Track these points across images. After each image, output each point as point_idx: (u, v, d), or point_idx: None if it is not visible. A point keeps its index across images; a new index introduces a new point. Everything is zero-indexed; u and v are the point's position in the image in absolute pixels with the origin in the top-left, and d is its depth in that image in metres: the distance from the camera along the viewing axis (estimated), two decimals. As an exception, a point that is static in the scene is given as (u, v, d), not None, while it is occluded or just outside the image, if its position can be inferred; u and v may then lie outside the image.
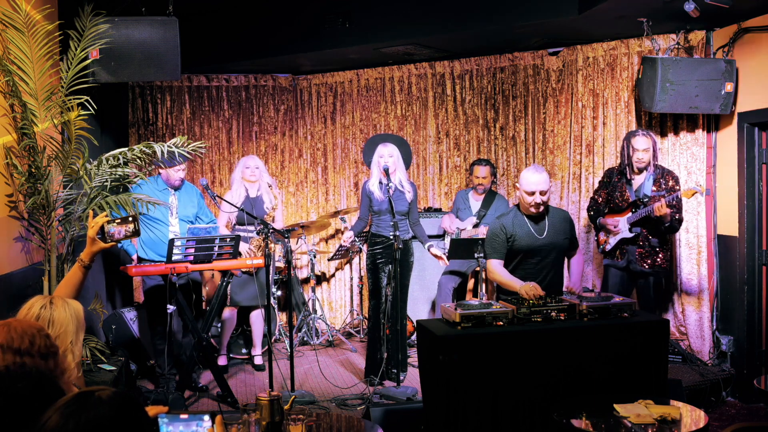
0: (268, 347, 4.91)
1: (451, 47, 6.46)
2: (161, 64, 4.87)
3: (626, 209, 5.30)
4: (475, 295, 6.12)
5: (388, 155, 5.20)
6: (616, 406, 3.26)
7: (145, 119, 6.95)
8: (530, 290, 3.97)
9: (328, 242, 7.39)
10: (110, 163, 4.58)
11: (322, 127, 7.34)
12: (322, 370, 5.63)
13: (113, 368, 4.72)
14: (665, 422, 3.14)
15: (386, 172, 5.12)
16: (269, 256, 4.70)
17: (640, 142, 5.30)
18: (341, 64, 6.97)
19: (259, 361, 5.87)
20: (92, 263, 2.93)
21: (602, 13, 5.13)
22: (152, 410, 2.02)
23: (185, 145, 4.72)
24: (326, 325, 6.73)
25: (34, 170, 4.27)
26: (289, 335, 5.33)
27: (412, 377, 5.29)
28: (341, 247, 6.69)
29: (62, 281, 2.94)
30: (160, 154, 4.62)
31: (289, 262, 5.17)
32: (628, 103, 6.00)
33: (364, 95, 7.20)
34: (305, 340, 6.53)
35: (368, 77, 7.15)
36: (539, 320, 3.84)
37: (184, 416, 2.02)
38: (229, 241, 4.77)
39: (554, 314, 3.86)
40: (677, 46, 5.63)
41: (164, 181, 5.17)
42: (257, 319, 5.82)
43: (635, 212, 5.21)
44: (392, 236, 4.95)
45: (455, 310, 3.76)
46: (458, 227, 6.14)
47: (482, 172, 6.14)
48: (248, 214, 5.08)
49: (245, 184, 5.66)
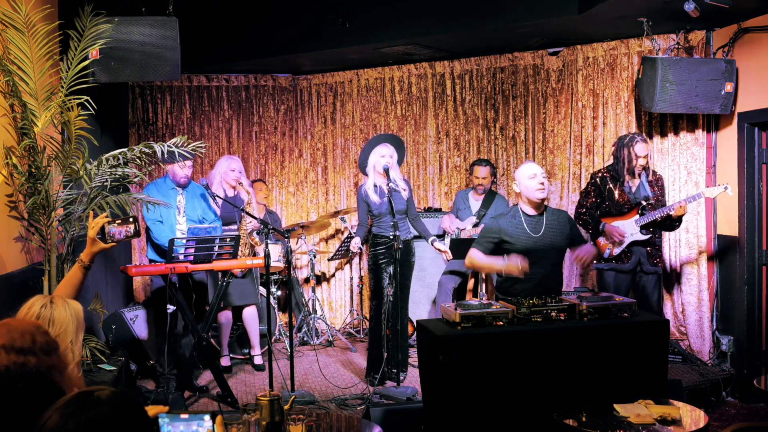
0: (268, 347, 4.91)
1: (451, 47, 6.46)
2: (161, 64, 4.87)
3: (629, 212, 5.26)
4: (475, 295, 6.13)
5: (389, 155, 5.21)
6: (616, 406, 3.26)
7: (145, 119, 6.95)
8: (514, 268, 3.98)
9: (328, 242, 7.39)
10: (110, 163, 4.58)
11: (322, 127, 7.34)
12: (322, 370, 5.63)
13: (113, 368, 4.72)
14: (665, 422, 3.14)
15: (386, 172, 5.12)
16: (268, 255, 4.70)
17: (641, 148, 5.25)
18: (341, 64, 6.97)
19: (258, 360, 5.87)
20: (92, 263, 2.93)
21: (602, 13, 5.13)
22: (152, 410, 2.01)
23: (185, 145, 4.72)
24: (326, 325, 6.73)
25: (34, 170, 4.27)
26: (289, 335, 5.33)
27: (412, 377, 5.29)
28: (341, 247, 6.69)
29: (62, 281, 2.94)
30: (160, 154, 4.62)
31: (289, 262, 5.17)
32: (628, 103, 6.00)
33: (364, 95, 7.20)
34: (305, 340, 6.53)
35: (368, 77, 7.15)
36: (539, 320, 3.84)
37: (184, 416, 2.02)
38: (229, 241, 4.77)
39: (554, 314, 3.86)
40: (677, 46, 5.63)
41: (170, 178, 5.19)
42: (251, 319, 5.81)
43: (644, 214, 5.18)
44: (392, 236, 4.95)
45: (455, 310, 3.76)
46: (458, 227, 6.14)
47: (482, 172, 6.14)
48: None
49: (224, 185, 5.52)
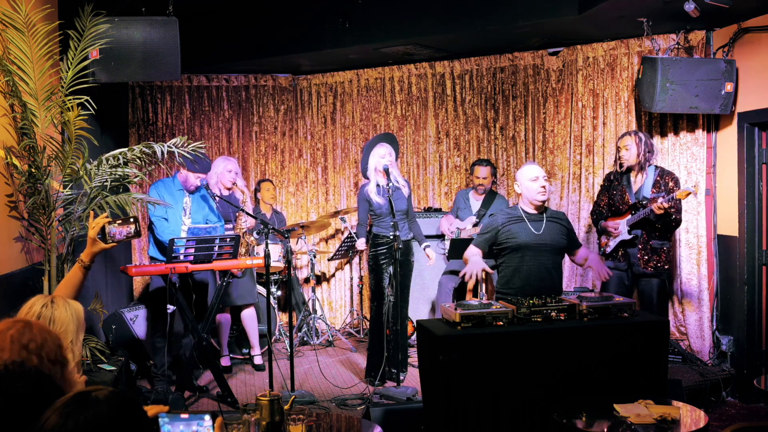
0: (268, 347, 4.91)
1: (451, 47, 6.46)
2: (161, 64, 4.87)
3: (626, 212, 5.28)
4: (475, 295, 6.13)
5: (388, 154, 5.22)
6: (616, 406, 3.26)
7: (145, 119, 6.95)
8: (475, 267, 4.20)
9: (328, 242, 7.39)
10: (110, 163, 4.58)
11: (322, 127, 7.34)
12: (322, 370, 5.63)
13: (113, 368, 4.72)
14: (665, 422, 3.14)
15: (386, 172, 5.13)
16: (269, 255, 4.69)
17: (623, 140, 5.35)
18: (341, 64, 6.97)
19: (258, 360, 5.87)
20: (92, 264, 2.93)
21: (602, 13, 5.13)
22: (152, 410, 2.01)
23: (185, 145, 4.72)
24: (326, 325, 6.73)
25: (34, 170, 4.27)
26: (289, 335, 5.33)
27: (412, 377, 5.29)
28: (341, 247, 6.69)
29: (62, 281, 2.94)
30: (160, 154, 4.61)
31: (289, 262, 5.17)
32: (628, 103, 6.00)
33: (364, 95, 7.20)
34: (305, 340, 6.53)
35: (368, 77, 7.15)
36: (539, 320, 3.84)
37: (184, 416, 2.02)
38: (229, 241, 4.77)
39: (554, 314, 3.86)
40: (677, 46, 5.63)
41: (180, 182, 5.17)
42: (249, 319, 5.82)
43: (634, 214, 5.20)
44: (392, 236, 4.95)
45: (455, 310, 3.76)
46: (458, 227, 6.14)
47: (483, 172, 6.14)
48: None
49: (220, 185, 5.53)
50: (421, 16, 5.87)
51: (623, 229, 5.26)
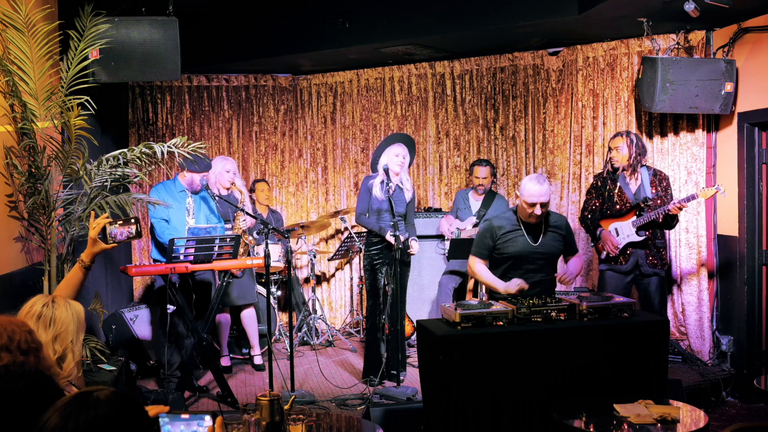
0: (268, 347, 4.91)
1: (451, 47, 6.46)
2: (161, 64, 4.87)
3: (628, 213, 5.25)
4: (475, 295, 6.12)
5: (402, 156, 5.23)
6: (616, 406, 3.27)
7: (145, 119, 6.96)
8: (513, 288, 3.99)
9: (328, 242, 7.39)
10: (110, 163, 4.58)
11: (322, 127, 7.34)
12: (322, 370, 5.63)
13: (113, 368, 4.71)
14: (665, 422, 3.14)
15: (386, 172, 5.12)
16: (269, 255, 4.70)
17: (614, 141, 5.36)
18: (341, 64, 6.98)
19: (258, 360, 5.87)
20: (93, 264, 2.93)
21: (602, 13, 5.14)
22: (153, 410, 2.01)
23: (185, 145, 4.72)
24: (326, 325, 6.73)
25: (34, 170, 4.27)
26: (289, 335, 5.33)
27: (412, 377, 5.29)
28: (341, 247, 6.69)
29: (63, 281, 2.95)
30: (160, 154, 4.61)
31: (289, 262, 5.16)
32: (628, 103, 6.01)
33: (364, 95, 7.20)
34: (305, 340, 6.54)
35: (368, 77, 7.15)
36: (539, 320, 3.84)
37: (185, 416, 2.02)
38: (229, 241, 4.77)
39: (554, 314, 3.86)
40: (677, 46, 5.63)
41: (183, 183, 5.16)
42: (249, 320, 5.82)
43: (641, 215, 5.16)
44: (392, 236, 4.94)
45: (455, 310, 3.76)
46: (458, 227, 6.14)
47: (482, 172, 6.14)
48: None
49: (218, 185, 5.53)
50: (421, 16, 5.87)
51: (629, 231, 5.21)
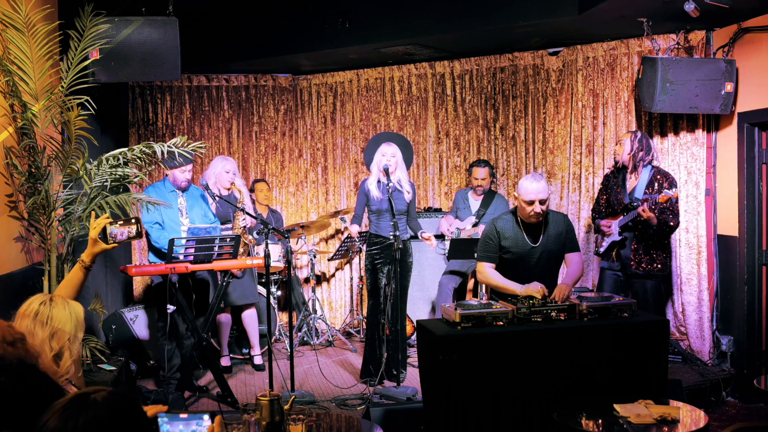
0: (268, 347, 4.91)
1: (451, 47, 6.46)
2: (161, 64, 4.87)
3: (620, 213, 5.29)
4: (475, 295, 6.12)
5: (390, 155, 5.19)
6: (616, 406, 3.26)
7: (145, 119, 6.96)
8: (534, 292, 3.94)
9: (328, 242, 7.39)
10: (110, 163, 4.58)
11: (322, 127, 7.34)
12: (322, 370, 5.63)
13: (113, 368, 4.72)
14: (665, 422, 3.14)
15: (386, 171, 5.12)
16: (269, 255, 4.70)
17: (621, 137, 5.41)
18: (341, 64, 6.97)
19: (258, 360, 5.87)
20: (93, 264, 2.93)
21: (602, 13, 5.13)
22: (152, 410, 2.02)
23: (185, 145, 4.72)
24: (326, 325, 6.73)
25: (34, 170, 4.27)
26: (289, 335, 5.33)
27: (412, 377, 5.29)
28: (341, 247, 6.69)
29: (63, 281, 2.95)
30: (160, 154, 4.62)
31: (289, 262, 5.16)
32: (628, 103, 6.00)
33: (364, 95, 7.20)
34: (305, 340, 6.53)
35: (368, 77, 7.15)
36: (539, 320, 3.84)
37: (183, 416, 2.02)
38: (228, 241, 4.77)
39: (554, 314, 3.86)
40: (677, 46, 5.63)
41: (171, 183, 5.16)
42: (250, 320, 5.82)
43: (626, 216, 5.19)
44: (392, 236, 4.94)
45: (455, 310, 3.76)
46: (458, 227, 6.14)
47: (481, 173, 6.13)
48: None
49: (218, 186, 5.53)
50: (421, 16, 5.87)
51: (614, 229, 5.26)
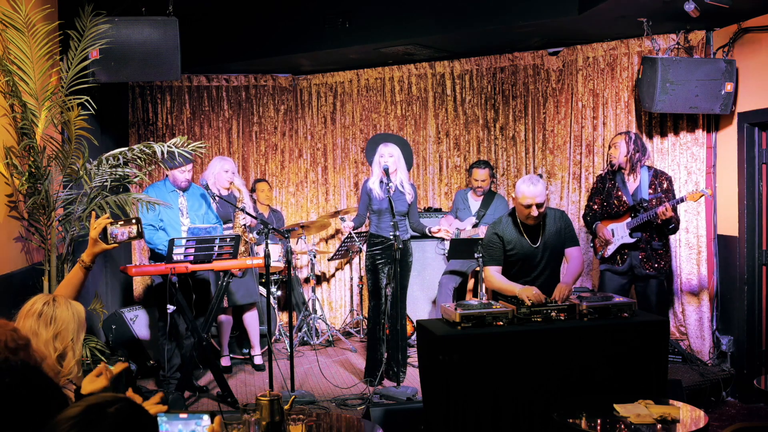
0: (268, 347, 4.91)
1: (451, 47, 6.46)
2: (161, 64, 4.87)
3: (624, 214, 5.26)
4: (475, 295, 6.12)
5: (388, 155, 5.19)
6: (616, 406, 3.27)
7: (145, 119, 6.96)
8: (531, 295, 3.95)
9: (328, 242, 7.39)
10: (110, 163, 4.58)
11: (322, 127, 7.34)
12: (322, 370, 5.63)
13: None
14: (665, 422, 3.14)
15: (386, 171, 5.12)
16: (268, 255, 4.70)
17: (614, 139, 5.42)
18: (341, 64, 6.97)
19: (258, 360, 5.87)
20: (93, 264, 2.93)
21: (602, 13, 5.13)
22: (152, 410, 2.02)
23: (185, 145, 4.71)
24: (326, 325, 6.73)
25: (34, 170, 4.27)
26: (289, 335, 5.33)
27: (412, 377, 5.28)
28: (341, 247, 6.69)
29: (63, 281, 2.95)
30: (160, 154, 4.62)
31: (289, 262, 5.16)
32: (628, 103, 6.00)
33: (364, 95, 7.20)
34: (305, 340, 6.53)
35: (368, 77, 7.15)
36: (539, 320, 3.84)
37: (183, 416, 2.02)
38: (229, 241, 4.77)
39: (554, 314, 3.86)
40: (677, 46, 5.63)
41: (172, 183, 5.16)
42: (252, 320, 5.82)
43: (635, 217, 5.18)
44: (392, 236, 4.94)
45: (455, 310, 3.76)
46: (458, 227, 6.14)
47: (481, 174, 6.12)
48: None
49: (218, 186, 5.53)
50: (421, 16, 5.87)
51: (623, 232, 5.23)
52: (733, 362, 5.53)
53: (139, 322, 5.78)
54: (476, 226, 6.04)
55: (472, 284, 6.17)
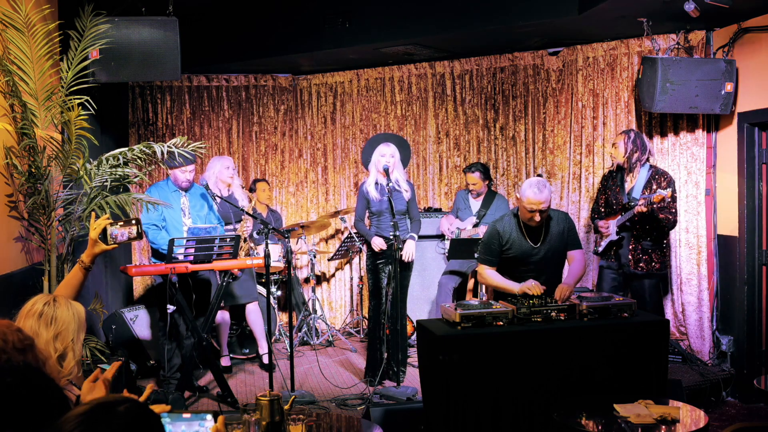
0: (268, 347, 4.90)
1: (451, 47, 6.46)
2: (161, 64, 4.87)
3: (617, 212, 5.31)
4: (475, 295, 6.12)
5: (389, 155, 5.20)
6: (616, 406, 3.27)
7: (145, 119, 6.95)
8: (531, 287, 3.95)
9: (328, 242, 7.39)
10: (110, 163, 4.58)
11: (322, 127, 7.34)
12: (322, 370, 5.63)
13: (113, 368, 4.70)
14: (665, 422, 3.14)
15: (386, 171, 5.12)
16: (269, 255, 4.70)
17: (615, 138, 5.46)
18: (341, 64, 6.97)
19: (267, 360, 5.83)
20: (93, 264, 2.93)
21: (602, 13, 5.13)
22: (155, 410, 2.02)
23: (185, 145, 4.71)
24: (326, 325, 6.73)
25: (34, 170, 4.27)
26: (289, 335, 5.33)
27: (412, 377, 5.29)
28: (341, 247, 6.69)
29: (63, 282, 2.95)
30: (160, 154, 4.61)
31: (289, 262, 5.16)
32: (628, 103, 6.01)
33: (364, 95, 7.20)
34: (305, 340, 6.53)
35: (368, 77, 7.15)
36: (539, 320, 3.84)
37: (186, 415, 2.02)
38: (229, 241, 4.77)
39: (554, 314, 3.86)
40: (677, 46, 5.63)
41: (173, 182, 5.16)
42: (255, 315, 5.80)
43: (624, 215, 5.22)
44: (392, 236, 4.94)
45: (455, 310, 3.76)
46: (458, 227, 6.14)
47: (472, 178, 6.11)
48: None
49: (220, 184, 5.58)
50: (421, 16, 5.87)
51: (612, 229, 5.30)
52: (733, 362, 5.53)
53: (139, 322, 5.78)
54: (477, 225, 6.04)
55: (472, 284, 6.17)
